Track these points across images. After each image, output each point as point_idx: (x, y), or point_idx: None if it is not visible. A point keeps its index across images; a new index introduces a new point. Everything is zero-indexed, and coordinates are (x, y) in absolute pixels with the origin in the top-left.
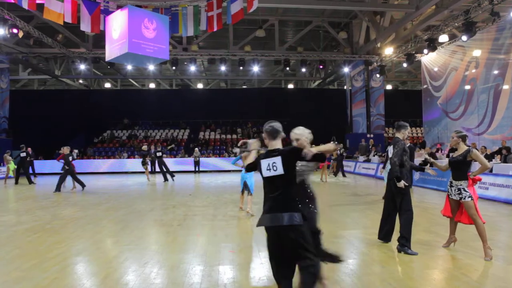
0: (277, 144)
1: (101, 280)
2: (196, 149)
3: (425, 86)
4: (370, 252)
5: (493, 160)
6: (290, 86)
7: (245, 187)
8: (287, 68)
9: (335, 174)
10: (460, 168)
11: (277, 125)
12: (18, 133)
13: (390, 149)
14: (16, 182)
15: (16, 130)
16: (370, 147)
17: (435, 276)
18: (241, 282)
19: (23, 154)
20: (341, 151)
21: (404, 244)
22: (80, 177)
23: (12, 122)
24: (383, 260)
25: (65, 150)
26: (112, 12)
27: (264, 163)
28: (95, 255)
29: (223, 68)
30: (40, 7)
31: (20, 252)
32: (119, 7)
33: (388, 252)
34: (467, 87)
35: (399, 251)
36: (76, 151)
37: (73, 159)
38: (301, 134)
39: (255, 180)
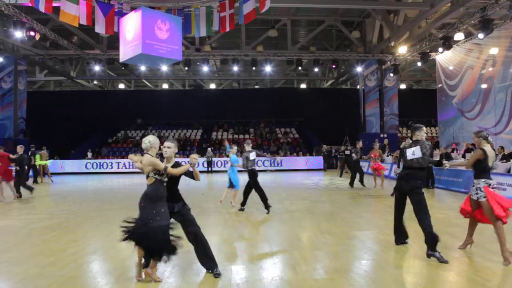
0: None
1: (115, 279)
2: (209, 149)
3: (440, 85)
4: (383, 253)
5: (511, 160)
6: (303, 86)
7: (231, 183)
8: (300, 68)
9: (341, 174)
10: (476, 167)
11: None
12: (35, 133)
13: (417, 151)
14: (35, 181)
15: (33, 130)
16: (386, 146)
17: (451, 278)
18: (254, 282)
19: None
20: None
21: (434, 250)
22: (94, 176)
23: (29, 122)
24: (397, 261)
25: (19, 149)
26: (125, 13)
27: None
28: (110, 253)
29: (235, 68)
30: (56, 10)
31: (37, 249)
32: (133, 8)
33: (402, 253)
34: (484, 86)
35: (429, 256)
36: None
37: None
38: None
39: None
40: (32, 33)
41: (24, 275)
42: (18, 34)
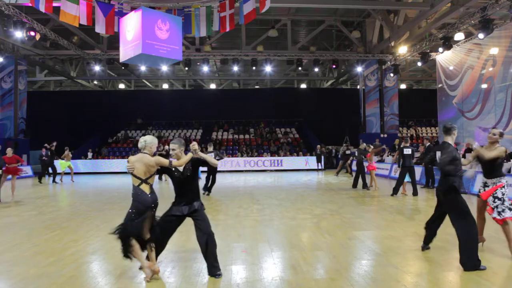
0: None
1: (115, 279)
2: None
3: (440, 85)
4: (384, 253)
5: (511, 160)
6: (303, 86)
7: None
8: (300, 68)
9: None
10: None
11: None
12: (35, 133)
13: (438, 155)
14: (40, 181)
15: (33, 130)
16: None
17: (451, 278)
18: (254, 282)
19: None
20: (347, 150)
21: (476, 264)
22: (94, 176)
23: (29, 122)
24: (398, 261)
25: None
26: (126, 13)
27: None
28: (110, 253)
29: (235, 68)
30: (57, 10)
31: (38, 249)
32: (133, 8)
33: (403, 253)
34: (484, 86)
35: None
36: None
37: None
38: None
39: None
40: (32, 33)
41: (24, 275)
42: (18, 34)
